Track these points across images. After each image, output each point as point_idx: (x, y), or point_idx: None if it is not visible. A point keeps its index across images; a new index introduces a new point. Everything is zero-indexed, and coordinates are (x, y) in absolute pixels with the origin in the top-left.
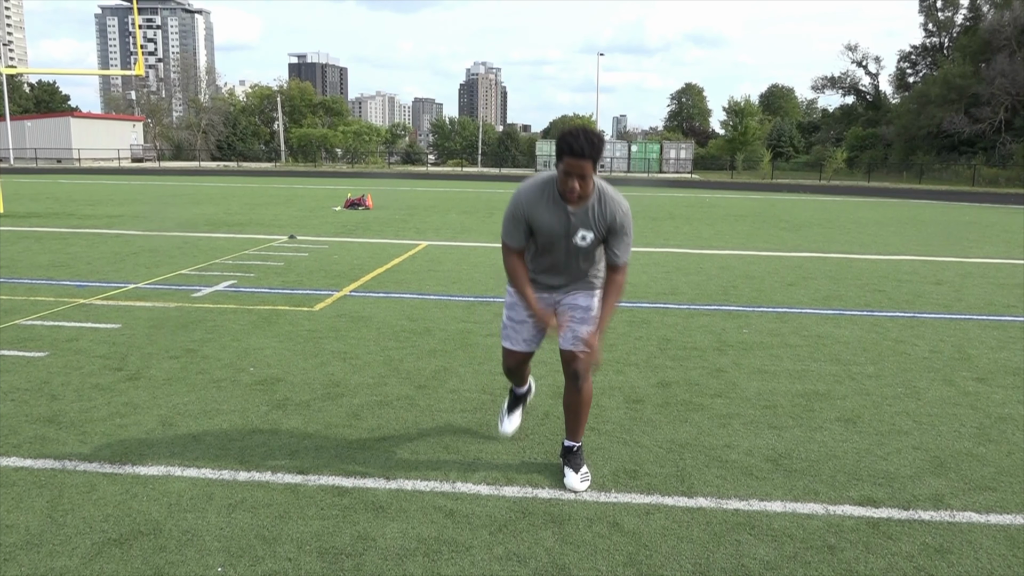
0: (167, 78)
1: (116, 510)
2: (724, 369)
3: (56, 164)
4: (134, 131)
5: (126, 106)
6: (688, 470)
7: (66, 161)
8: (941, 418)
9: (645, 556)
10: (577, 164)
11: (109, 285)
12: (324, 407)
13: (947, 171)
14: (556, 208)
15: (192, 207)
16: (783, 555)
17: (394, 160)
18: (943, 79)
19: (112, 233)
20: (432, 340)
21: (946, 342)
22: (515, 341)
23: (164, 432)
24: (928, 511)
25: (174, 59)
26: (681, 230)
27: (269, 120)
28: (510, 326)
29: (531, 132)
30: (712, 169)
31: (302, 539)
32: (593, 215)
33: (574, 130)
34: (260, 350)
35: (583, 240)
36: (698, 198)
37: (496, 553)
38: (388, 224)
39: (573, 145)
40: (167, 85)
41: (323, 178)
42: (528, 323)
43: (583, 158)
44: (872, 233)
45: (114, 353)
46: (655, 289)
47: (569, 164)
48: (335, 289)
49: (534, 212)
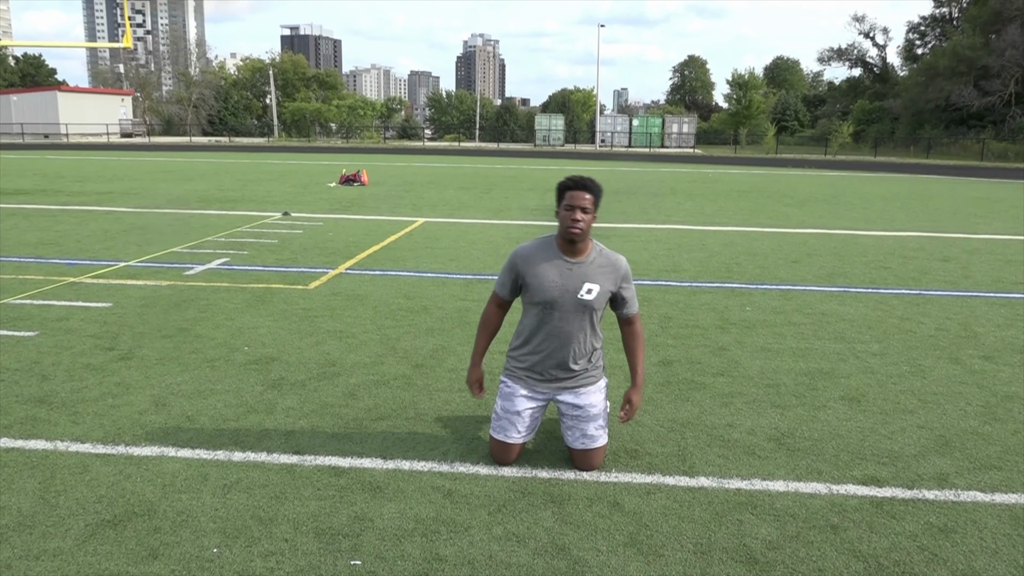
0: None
1: (109, 491)
2: (727, 347)
3: (43, 139)
4: (123, 105)
5: (114, 80)
6: (690, 449)
7: (53, 136)
8: (946, 396)
9: (646, 536)
10: (579, 195)
11: (99, 263)
12: (320, 387)
13: (955, 145)
14: (557, 262)
15: (183, 183)
16: (785, 535)
17: (390, 135)
18: (952, 51)
19: (101, 210)
20: (429, 318)
21: (952, 320)
22: (508, 433)
23: (157, 412)
24: (932, 490)
25: (163, 31)
26: (683, 206)
27: (261, 94)
28: (504, 417)
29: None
30: (715, 144)
31: (298, 520)
32: (598, 266)
33: (573, 175)
34: (254, 329)
35: (589, 294)
36: (701, 173)
37: (495, 533)
38: (384, 200)
39: (575, 179)
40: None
41: (317, 153)
42: (525, 414)
43: (584, 190)
44: (878, 209)
45: (105, 332)
46: (656, 266)
47: (571, 196)
48: (330, 267)
49: (530, 267)
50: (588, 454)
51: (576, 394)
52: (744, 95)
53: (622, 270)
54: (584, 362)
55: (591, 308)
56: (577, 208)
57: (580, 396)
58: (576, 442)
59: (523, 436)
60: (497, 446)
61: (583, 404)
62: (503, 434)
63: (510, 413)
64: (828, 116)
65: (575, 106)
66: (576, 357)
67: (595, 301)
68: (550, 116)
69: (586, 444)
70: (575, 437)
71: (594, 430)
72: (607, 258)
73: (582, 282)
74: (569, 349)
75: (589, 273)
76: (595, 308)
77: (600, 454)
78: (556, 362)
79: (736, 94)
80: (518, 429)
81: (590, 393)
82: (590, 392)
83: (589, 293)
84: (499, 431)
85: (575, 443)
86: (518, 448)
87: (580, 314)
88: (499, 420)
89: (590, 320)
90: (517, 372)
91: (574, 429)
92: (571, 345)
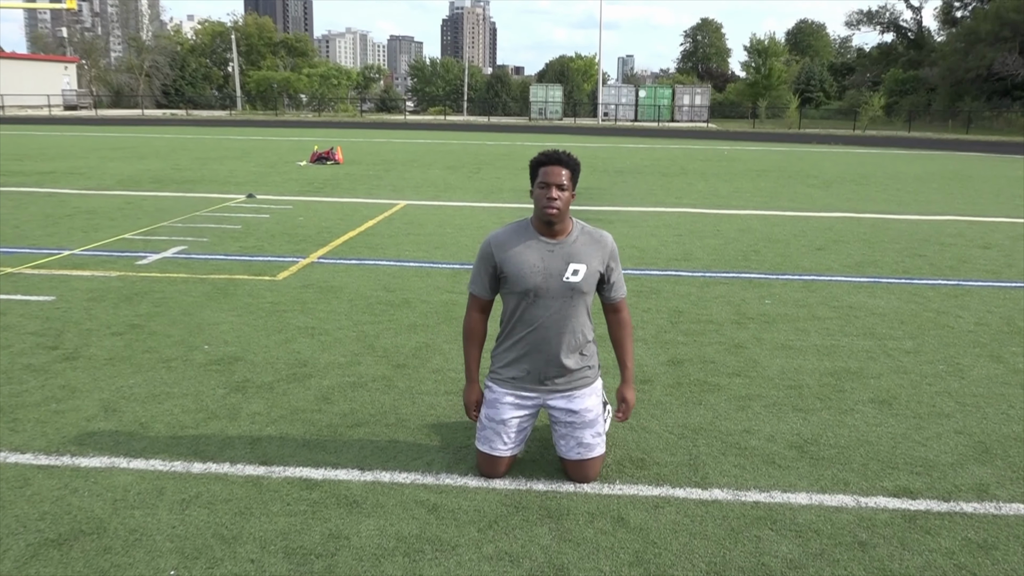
0: (103, 13)
1: (53, 507)
2: (743, 345)
3: None
4: (66, 74)
5: (56, 45)
6: (702, 458)
7: None
8: (987, 399)
9: (653, 555)
10: (554, 171)
11: (40, 252)
12: (289, 389)
13: (998, 119)
14: (536, 245)
15: (135, 162)
16: (808, 553)
17: (367, 108)
18: (995, 13)
19: (43, 192)
20: (412, 313)
21: (994, 313)
22: (494, 445)
23: (107, 419)
24: (971, 503)
25: None
26: (696, 187)
27: (222, 62)
28: (489, 427)
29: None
30: (731, 117)
31: (266, 538)
32: (583, 244)
33: (547, 149)
34: (215, 325)
35: (575, 275)
36: (715, 150)
37: (485, 552)
38: (361, 181)
39: (548, 154)
40: (103, 21)
41: (286, 128)
42: (511, 423)
43: (560, 164)
44: (912, 190)
45: (48, 329)
46: (666, 254)
47: (546, 173)
48: (301, 256)
49: (507, 253)
50: (584, 465)
51: (569, 398)
52: (763, 63)
53: (609, 247)
54: (576, 357)
55: (579, 291)
56: (553, 185)
57: (574, 400)
58: (571, 452)
59: (511, 448)
60: (483, 459)
61: (578, 409)
62: (488, 445)
63: (495, 422)
64: (857, 87)
65: (575, 75)
66: (567, 350)
67: (583, 283)
68: (547, 87)
69: (582, 454)
70: (569, 446)
71: (590, 438)
72: (591, 235)
73: (566, 263)
74: (558, 342)
75: (574, 253)
76: (583, 291)
77: (597, 464)
78: (545, 358)
79: (755, 62)
80: (504, 440)
81: (584, 396)
82: (584, 395)
83: (576, 275)
84: (484, 442)
85: (570, 453)
86: (507, 461)
87: (567, 300)
88: (483, 430)
89: (579, 307)
90: (502, 374)
91: (568, 437)
92: (560, 337)
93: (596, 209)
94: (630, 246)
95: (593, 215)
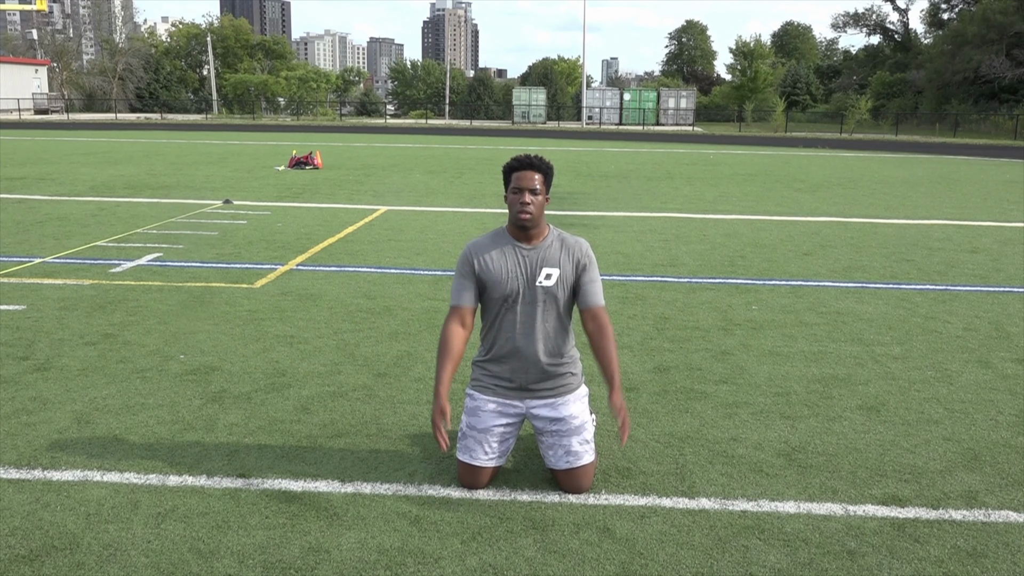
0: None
1: (24, 522)
2: (730, 351)
3: None
4: (37, 77)
5: (26, 48)
6: (689, 467)
7: None
8: (976, 405)
9: (640, 565)
10: (527, 176)
11: (10, 260)
12: (268, 400)
13: (986, 122)
14: (510, 251)
15: (108, 167)
16: (797, 562)
17: (347, 111)
18: (982, 16)
19: (13, 198)
20: (393, 321)
21: (982, 318)
22: (475, 455)
23: (80, 431)
24: (960, 510)
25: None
26: (681, 191)
27: (198, 64)
28: (470, 435)
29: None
30: (717, 121)
31: (244, 552)
32: (556, 250)
33: (519, 154)
34: (192, 334)
35: (548, 279)
36: (701, 154)
37: (469, 565)
38: (340, 186)
39: (520, 159)
40: (75, 22)
41: (263, 132)
42: (494, 432)
43: (532, 169)
44: (900, 194)
45: (19, 339)
46: (651, 260)
47: (518, 178)
48: (279, 263)
49: (485, 261)
50: (575, 473)
51: (553, 406)
52: (749, 65)
53: (583, 252)
54: (556, 360)
55: (552, 295)
56: (525, 190)
57: (558, 407)
58: (560, 461)
59: (493, 459)
60: (464, 469)
61: (563, 416)
62: (469, 455)
63: (476, 431)
64: (844, 89)
65: (558, 78)
66: (547, 355)
67: (555, 287)
68: (530, 90)
69: (571, 462)
70: (558, 455)
71: (578, 445)
72: (565, 241)
73: (540, 267)
74: (537, 347)
75: (548, 257)
76: (557, 296)
77: (589, 472)
78: (525, 363)
79: (740, 64)
80: (485, 450)
81: (568, 403)
82: (568, 402)
83: (548, 279)
84: (464, 451)
85: (559, 462)
86: (489, 472)
87: (542, 305)
88: (464, 439)
89: (556, 312)
90: (483, 380)
91: (556, 447)
92: (539, 343)
93: (580, 214)
94: (615, 252)
95: (577, 220)
